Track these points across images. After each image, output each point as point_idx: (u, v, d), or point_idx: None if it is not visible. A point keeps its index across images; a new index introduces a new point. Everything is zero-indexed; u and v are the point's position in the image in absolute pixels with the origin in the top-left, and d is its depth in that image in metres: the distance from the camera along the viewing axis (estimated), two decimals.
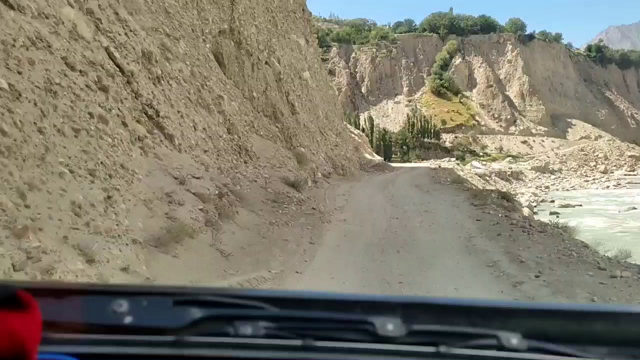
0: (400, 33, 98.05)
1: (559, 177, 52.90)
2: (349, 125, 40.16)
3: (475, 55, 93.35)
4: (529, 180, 43.14)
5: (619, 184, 45.56)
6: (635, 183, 48.27)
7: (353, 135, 33.82)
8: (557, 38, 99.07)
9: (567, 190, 39.78)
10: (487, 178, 34.89)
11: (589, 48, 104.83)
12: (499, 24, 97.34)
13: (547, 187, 39.63)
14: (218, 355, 0.85)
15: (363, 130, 71.82)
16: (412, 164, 46.25)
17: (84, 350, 0.83)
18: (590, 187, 43.61)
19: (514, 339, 0.83)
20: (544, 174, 51.53)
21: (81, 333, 0.86)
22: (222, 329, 0.87)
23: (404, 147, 73.47)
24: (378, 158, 36.54)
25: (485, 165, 45.50)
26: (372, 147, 70.09)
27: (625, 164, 75.35)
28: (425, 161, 67.34)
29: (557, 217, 22.33)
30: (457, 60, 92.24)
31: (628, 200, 30.92)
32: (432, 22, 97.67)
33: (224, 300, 0.92)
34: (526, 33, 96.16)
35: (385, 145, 69.47)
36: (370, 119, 73.88)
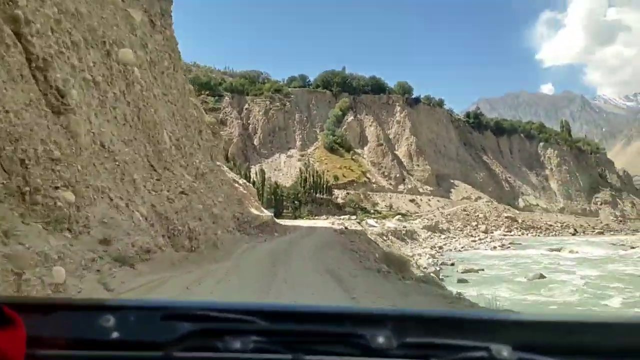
0: (294, 87, 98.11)
1: (449, 236, 53.49)
2: (232, 174, 35.93)
3: (367, 114, 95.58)
4: (423, 239, 42.44)
5: (504, 245, 46.49)
6: (517, 244, 49.76)
7: (237, 185, 28.93)
8: (440, 103, 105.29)
9: (460, 250, 39.42)
10: (385, 237, 33.01)
11: (467, 115, 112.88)
12: (388, 85, 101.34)
13: (440, 247, 38.91)
14: None
15: (254, 183, 68.62)
16: (306, 222, 43.32)
17: None
18: (479, 248, 43.84)
19: (504, 351, 0.83)
20: (435, 233, 51.75)
21: (67, 349, 0.85)
22: (211, 343, 0.85)
23: (296, 202, 71.06)
24: (267, 214, 32.80)
25: (378, 223, 44.18)
26: (262, 201, 66.93)
27: (502, 224, 79.57)
28: (317, 217, 65.20)
29: (465, 284, 20.55)
30: (350, 117, 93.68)
31: (521, 262, 30.43)
32: (325, 79, 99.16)
33: (213, 314, 0.91)
34: (413, 96, 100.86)
35: (277, 200, 66.54)
36: (262, 172, 70.84)
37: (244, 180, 36.36)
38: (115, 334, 0.85)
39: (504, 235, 68.10)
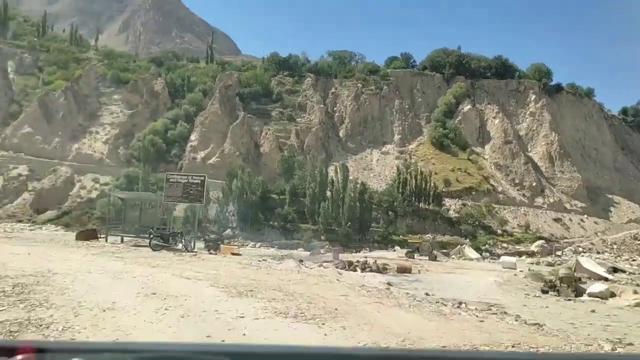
0: (395, 69, 77.32)
1: None
2: None
3: (489, 103, 72.38)
4: None
5: None
6: None
7: None
8: (589, 94, 78.99)
9: None
10: None
11: (624, 111, 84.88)
12: (519, 68, 77.23)
13: None
14: None
15: (332, 184, 48.76)
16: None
17: None
18: None
19: None
20: None
21: None
22: None
23: (391, 212, 50.23)
24: None
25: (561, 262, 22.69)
26: (342, 210, 46.78)
27: None
28: (432, 250, 43.75)
29: None
30: (466, 106, 71.07)
31: None
32: (435, 60, 77.27)
33: (189, 356, 0.90)
34: (552, 83, 75.85)
35: (363, 208, 46.12)
36: (344, 168, 50.89)
37: None
38: None
39: None
